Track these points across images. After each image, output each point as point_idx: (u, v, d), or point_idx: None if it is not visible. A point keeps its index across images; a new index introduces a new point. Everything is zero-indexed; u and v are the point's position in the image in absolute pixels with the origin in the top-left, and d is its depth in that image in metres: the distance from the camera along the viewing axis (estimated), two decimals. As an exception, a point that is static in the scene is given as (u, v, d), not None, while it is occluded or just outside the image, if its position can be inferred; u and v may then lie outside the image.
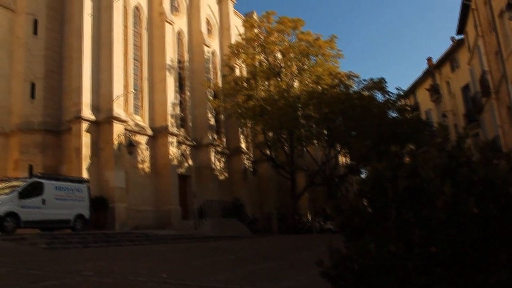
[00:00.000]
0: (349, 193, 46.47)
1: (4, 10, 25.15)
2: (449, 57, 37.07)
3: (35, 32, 25.46)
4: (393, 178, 2.93)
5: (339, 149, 35.67)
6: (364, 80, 32.55)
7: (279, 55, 34.26)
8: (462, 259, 2.60)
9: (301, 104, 31.10)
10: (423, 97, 43.17)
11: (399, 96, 32.59)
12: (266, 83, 33.14)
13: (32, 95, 24.76)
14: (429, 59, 41.72)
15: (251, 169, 36.93)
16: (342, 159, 47.94)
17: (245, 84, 33.05)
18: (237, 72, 36.20)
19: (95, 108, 24.53)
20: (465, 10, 29.29)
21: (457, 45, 35.24)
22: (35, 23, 25.55)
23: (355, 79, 33.33)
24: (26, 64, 24.95)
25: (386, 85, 31.76)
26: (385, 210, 2.87)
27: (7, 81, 24.67)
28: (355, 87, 32.65)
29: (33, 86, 24.89)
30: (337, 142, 33.32)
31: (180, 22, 33.93)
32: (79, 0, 25.42)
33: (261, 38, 33.75)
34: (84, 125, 23.68)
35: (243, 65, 36.27)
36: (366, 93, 31.46)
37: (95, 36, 25.37)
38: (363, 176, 36.75)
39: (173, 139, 28.61)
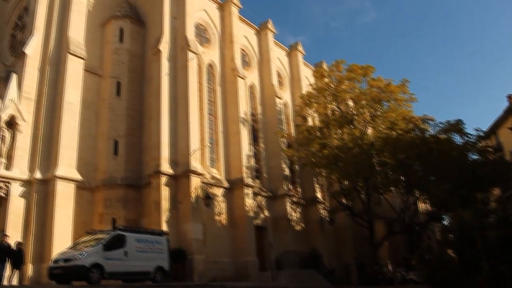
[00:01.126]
0: (431, 242, 44.09)
1: (93, 75, 27.30)
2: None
3: (118, 93, 27.26)
4: (481, 228, 2.79)
5: (418, 195, 34.28)
6: (440, 123, 31.32)
7: (351, 103, 34.09)
8: None
9: (375, 151, 30.48)
10: (506, 136, 40.80)
11: (479, 137, 30.98)
12: (339, 131, 32.94)
13: (115, 152, 26.18)
14: (510, 97, 39.71)
15: (327, 218, 36.24)
16: (421, 206, 45.91)
17: (318, 133, 33.06)
18: (310, 122, 36.40)
19: (173, 163, 25.42)
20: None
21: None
22: (118, 85, 27.43)
23: (431, 122, 32.24)
24: (110, 124, 26.59)
25: (464, 126, 30.44)
26: (475, 262, 2.72)
27: (93, 140, 26.33)
28: (431, 131, 31.55)
29: (116, 143, 26.36)
30: (415, 188, 32.09)
31: (252, 76, 35.00)
32: (157, 62, 27.04)
33: (332, 87, 33.86)
34: (163, 179, 24.53)
35: (316, 115, 36.46)
36: (443, 136, 30.31)
37: (172, 94, 26.69)
38: (445, 223, 34.91)
39: (248, 191, 28.88)
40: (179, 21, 28.60)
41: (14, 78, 24.43)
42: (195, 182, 25.13)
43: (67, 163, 23.51)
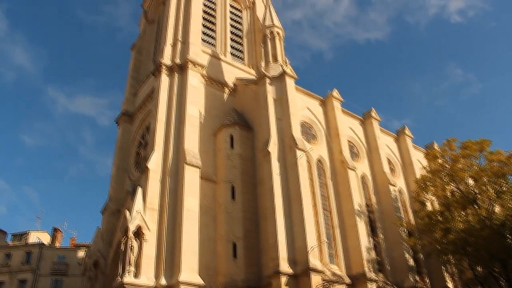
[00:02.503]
0: None
1: (208, 182, 28.86)
2: None
3: (233, 197, 28.28)
4: None
5: None
6: None
7: (470, 181, 31.98)
8: None
9: (509, 230, 27.80)
10: None
11: None
12: (463, 213, 30.68)
13: (234, 255, 26.57)
14: None
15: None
16: None
17: (439, 218, 31.06)
18: (429, 206, 34.51)
19: (292, 261, 25.08)
20: None
21: None
22: (233, 189, 28.54)
23: None
24: (227, 227, 27.34)
25: None
26: None
27: (213, 244, 27.11)
28: None
29: (234, 246, 26.83)
30: None
31: (362, 166, 34.63)
32: (267, 163, 27.89)
33: (447, 167, 32.25)
34: (283, 279, 24.11)
35: (434, 198, 34.57)
36: None
37: (285, 193, 27.02)
38: None
39: (372, 285, 27.35)
40: (285, 122, 29.67)
41: (139, 191, 26.56)
42: (315, 280, 24.36)
43: (189, 268, 24.31)
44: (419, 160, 39.69)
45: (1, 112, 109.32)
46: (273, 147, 28.31)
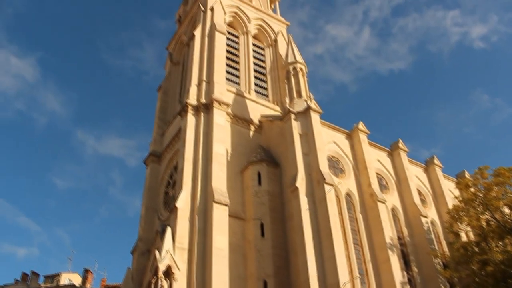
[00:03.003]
0: None
1: (237, 219, 28.85)
2: None
3: (262, 234, 28.12)
4: None
5: None
6: None
7: (506, 210, 31.10)
8: None
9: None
10: None
11: None
12: (500, 243, 29.74)
13: (266, 293, 26.26)
14: None
15: None
16: None
17: (476, 249, 30.14)
18: (464, 237, 33.60)
19: (324, 299, 24.62)
20: None
21: None
22: (262, 226, 28.41)
23: None
24: (258, 264, 27.08)
25: None
26: None
27: (243, 282, 26.83)
28: None
29: (265, 283, 26.47)
30: None
31: (392, 199, 34.14)
32: (295, 199, 27.73)
33: (480, 196, 31.49)
34: (316, 317, 23.67)
35: (469, 228, 33.67)
36: None
37: (314, 228, 26.71)
38: None
39: (409, 321, 26.56)
40: (312, 156, 29.62)
41: (168, 230, 26.71)
42: (350, 317, 23.85)
43: (221, 307, 24.04)
44: (450, 190, 38.92)
45: (34, 156, 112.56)
46: (301, 183, 28.22)
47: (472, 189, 32.71)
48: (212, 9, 40.49)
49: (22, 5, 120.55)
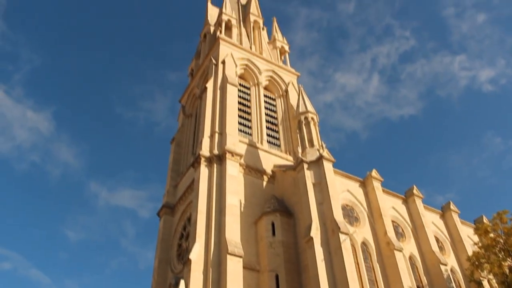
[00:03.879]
0: None
1: (251, 271, 28.37)
2: None
3: (277, 286, 27.51)
4: None
5: None
6: None
7: (529, 256, 30.32)
8: None
9: None
10: None
11: None
12: (525, 290, 28.81)
13: None
14: None
15: None
16: None
17: (500, 298, 29.23)
18: (486, 285, 32.61)
19: None
20: None
21: None
22: (277, 278, 27.83)
23: None
24: (274, 318, 26.44)
25: None
26: None
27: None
28: None
29: None
30: None
31: (409, 247, 33.51)
32: (310, 249, 27.30)
33: (500, 241, 30.79)
34: None
35: (491, 276, 32.68)
36: None
37: (330, 279, 26.11)
38: None
39: None
40: (326, 206, 29.40)
41: (182, 283, 26.45)
42: None
43: None
44: (469, 236, 38.12)
45: (47, 208, 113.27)
46: (316, 232, 27.89)
47: (491, 235, 32.02)
48: (223, 62, 41.46)
49: (38, 61, 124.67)
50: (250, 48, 46.93)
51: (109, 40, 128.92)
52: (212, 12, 54.80)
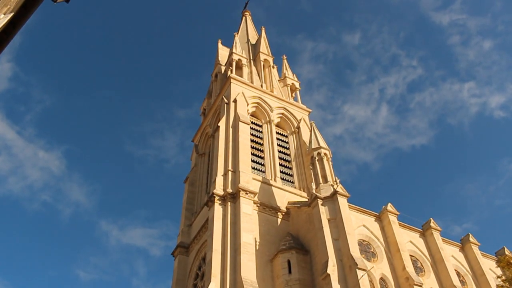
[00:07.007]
0: None
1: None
2: None
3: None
4: None
5: None
6: None
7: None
8: None
9: None
10: None
11: None
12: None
13: None
14: None
15: None
16: None
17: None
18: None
19: None
20: None
21: None
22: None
23: None
24: None
25: None
26: None
27: None
28: None
29: None
30: None
31: (429, 281, 32.69)
32: (328, 286, 26.45)
33: (524, 274, 30.01)
34: None
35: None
36: None
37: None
38: None
39: None
40: (342, 241, 29.04)
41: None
42: None
43: None
44: (491, 269, 37.12)
45: (59, 248, 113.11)
46: (332, 269, 27.46)
47: (514, 267, 31.31)
48: (235, 101, 41.96)
49: (49, 101, 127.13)
50: (261, 86, 47.54)
51: (118, 79, 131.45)
52: (223, 52, 55.91)
